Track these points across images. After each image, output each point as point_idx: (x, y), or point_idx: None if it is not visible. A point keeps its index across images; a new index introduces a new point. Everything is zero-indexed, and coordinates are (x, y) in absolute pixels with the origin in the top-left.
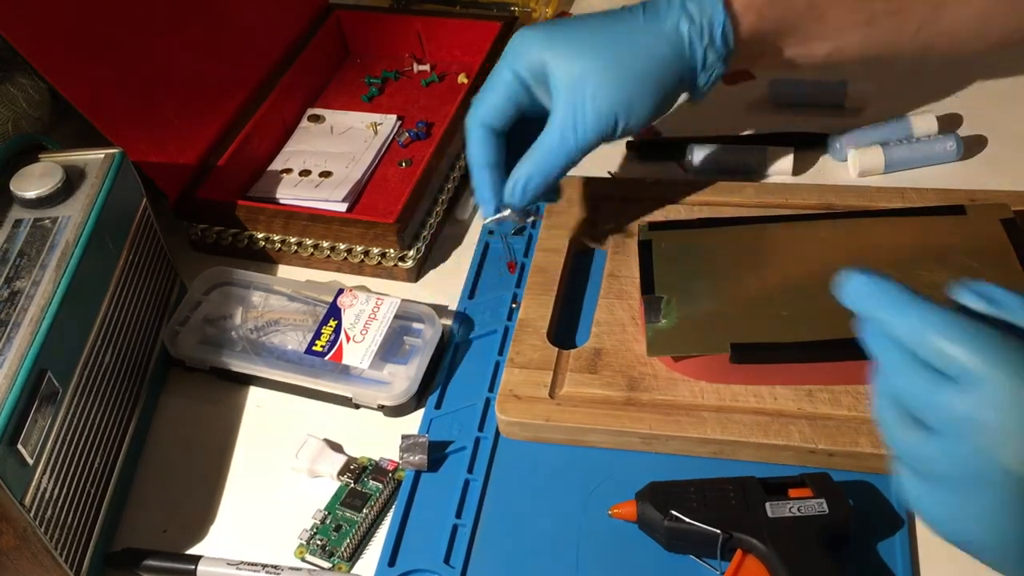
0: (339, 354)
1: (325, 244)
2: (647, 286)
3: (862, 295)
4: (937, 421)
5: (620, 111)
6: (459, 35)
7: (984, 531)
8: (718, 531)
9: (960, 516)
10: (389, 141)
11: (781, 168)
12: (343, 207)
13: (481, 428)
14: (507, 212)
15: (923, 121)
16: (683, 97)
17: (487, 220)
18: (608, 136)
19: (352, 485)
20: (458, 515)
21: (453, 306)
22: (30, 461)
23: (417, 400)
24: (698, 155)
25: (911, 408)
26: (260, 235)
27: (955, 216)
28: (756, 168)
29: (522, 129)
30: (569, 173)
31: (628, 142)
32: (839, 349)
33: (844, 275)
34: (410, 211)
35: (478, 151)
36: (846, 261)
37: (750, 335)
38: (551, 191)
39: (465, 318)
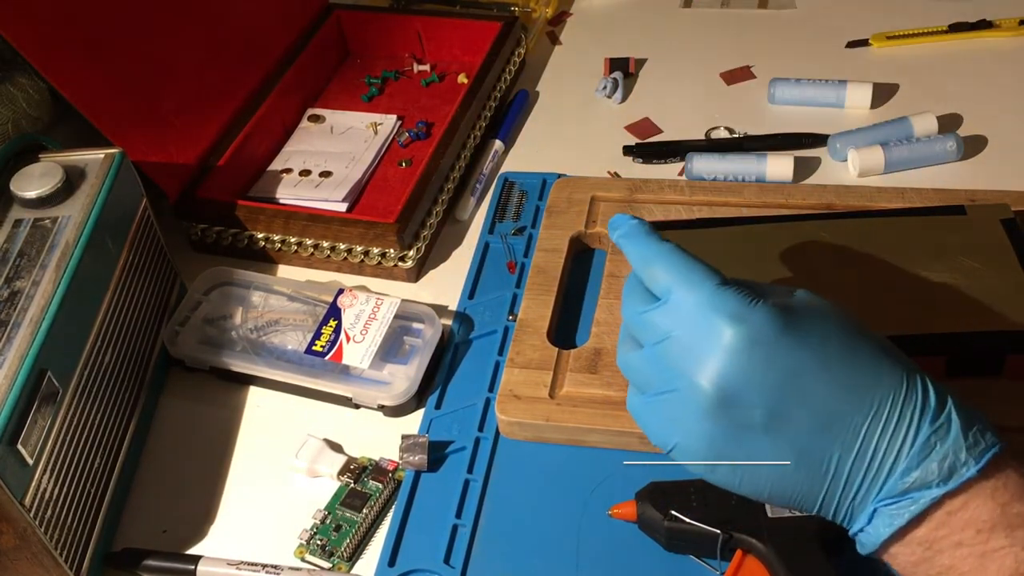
0: (339, 354)
1: (325, 244)
2: None
3: (616, 228)
4: (645, 337)
5: None
6: (459, 35)
7: (678, 433)
8: (718, 531)
9: (659, 419)
10: (389, 141)
11: (781, 176)
12: (343, 207)
13: (481, 428)
14: None
15: (923, 121)
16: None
17: None
18: None
19: (352, 485)
20: (458, 515)
21: (453, 306)
22: (30, 461)
23: (417, 400)
24: (697, 166)
25: (632, 331)
26: (260, 235)
27: (955, 216)
28: (755, 177)
29: None
30: (569, 173)
31: (625, 146)
32: None
33: (613, 218)
34: (410, 211)
35: None
36: (846, 261)
37: None
38: None
39: (465, 318)
